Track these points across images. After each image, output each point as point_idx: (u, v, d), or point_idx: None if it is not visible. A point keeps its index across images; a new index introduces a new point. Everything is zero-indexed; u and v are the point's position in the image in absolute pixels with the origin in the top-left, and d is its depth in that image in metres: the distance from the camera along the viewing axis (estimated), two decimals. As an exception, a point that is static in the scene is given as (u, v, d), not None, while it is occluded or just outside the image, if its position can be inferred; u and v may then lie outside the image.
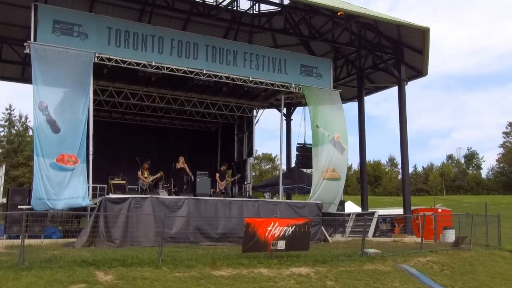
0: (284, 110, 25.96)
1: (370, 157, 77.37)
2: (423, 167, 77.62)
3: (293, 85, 17.57)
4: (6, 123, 61.11)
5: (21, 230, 12.38)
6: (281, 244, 11.44)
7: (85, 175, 13.11)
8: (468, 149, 79.90)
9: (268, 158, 66.31)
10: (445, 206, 31.04)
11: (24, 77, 22.72)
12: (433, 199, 25.92)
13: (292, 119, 26.40)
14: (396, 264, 12.37)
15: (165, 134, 21.68)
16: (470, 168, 77.07)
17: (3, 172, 14.36)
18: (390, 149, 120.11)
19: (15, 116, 61.33)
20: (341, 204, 17.44)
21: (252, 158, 20.74)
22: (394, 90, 23.56)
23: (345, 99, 23.56)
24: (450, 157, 78.44)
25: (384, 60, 19.97)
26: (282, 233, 11.42)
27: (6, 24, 20.43)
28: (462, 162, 78.29)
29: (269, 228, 11.30)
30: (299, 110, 26.03)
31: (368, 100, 23.10)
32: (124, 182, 17.44)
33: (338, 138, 17.12)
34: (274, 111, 25.54)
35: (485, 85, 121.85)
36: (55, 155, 12.74)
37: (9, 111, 61.17)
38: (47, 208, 12.58)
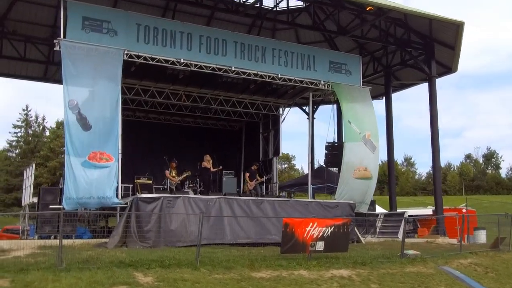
0: (307, 109, 25.68)
1: (384, 157, 76.55)
2: (440, 166, 76.48)
3: (322, 82, 17.18)
4: (23, 124, 61.69)
5: (53, 231, 12.32)
6: (320, 245, 11.05)
7: (117, 174, 12.88)
8: (487, 148, 78.59)
9: (285, 158, 65.86)
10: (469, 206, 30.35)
11: (47, 76, 22.69)
12: (465, 199, 25.25)
13: (314, 118, 25.96)
14: (437, 266, 11.91)
15: (188, 133, 21.38)
16: (489, 168, 75.73)
17: (33, 171, 14.20)
18: (404, 149, 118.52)
19: (32, 117, 61.91)
20: (372, 204, 16.99)
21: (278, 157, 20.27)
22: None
23: (369, 97, 23.09)
24: (468, 156, 77.19)
25: (414, 56, 19.45)
26: (321, 234, 11.04)
27: (30, 23, 20.41)
28: (481, 161, 76.99)
29: (307, 229, 10.93)
30: (321, 109, 25.63)
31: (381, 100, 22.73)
32: (150, 181, 17.14)
33: (369, 137, 16.68)
34: (292, 110, 25.12)
35: (496, 84, 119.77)
36: (87, 153, 12.53)
37: (25, 111, 61.78)
38: (78, 208, 12.38)
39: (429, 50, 19.13)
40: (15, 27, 20.17)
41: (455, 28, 17.66)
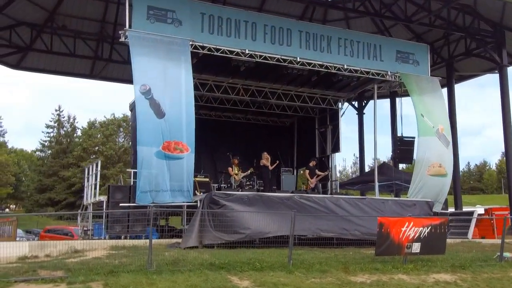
0: (356, 104, 24.65)
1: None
2: (476, 164, 74.11)
3: (389, 72, 16.20)
4: (56, 124, 62.05)
5: (124, 230, 11.71)
6: (416, 247, 10.12)
7: (192, 166, 12.21)
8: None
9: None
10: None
11: (93, 73, 22.30)
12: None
13: (364, 113, 24.95)
14: (542, 270, 10.84)
15: (238, 129, 20.66)
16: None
17: (99, 169, 13.56)
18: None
19: (64, 117, 62.25)
20: (444, 202, 15.91)
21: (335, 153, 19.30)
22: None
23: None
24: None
25: (483, 44, 18.23)
26: (417, 235, 10.11)
27: (80, 17, 20.07)
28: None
29: (403, 229, 10.01)
30: (371, 104, 24.54)
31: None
32: (207, 179, 16.55)
33: (442, 130, 15.63)
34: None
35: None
36: (161, 142, 11.92)
37: (58, 112, 62.18)
38: (151, 202, 11.75)
39: (499, 38, 17.92)
40: (65, 22, 19.87)
41: (534, 13, 16.45)
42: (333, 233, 12.10)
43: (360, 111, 24.55)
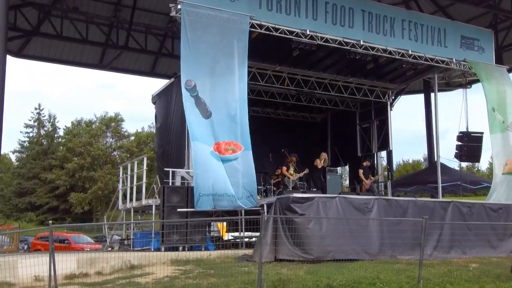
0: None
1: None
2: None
3: (454, 60, 14.61)
4: (35, 124, 58.27)
5: (182, 240, 9.64)
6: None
7: (251, 165, 10.41)
8: None
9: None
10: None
11: (103, 63, 19.96)
12: None
13: (392, 109, 23.34)
14: None
15: (268, 125, 18.68)
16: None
17: (145, 167, 11.33)
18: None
19: (44, 116, 58.51)
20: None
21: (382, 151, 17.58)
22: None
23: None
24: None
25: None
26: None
27: (92, -1, 17.79)
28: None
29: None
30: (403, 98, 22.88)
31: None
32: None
33: (514, 123, 14.16)
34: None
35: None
36: (211, 143, 10.30)
37: (38, 110, 58.35)
38: (212, 207, 9.84)
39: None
40: (75, 3, 17.58)
41: None
42: (410, 256, 10.08)
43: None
